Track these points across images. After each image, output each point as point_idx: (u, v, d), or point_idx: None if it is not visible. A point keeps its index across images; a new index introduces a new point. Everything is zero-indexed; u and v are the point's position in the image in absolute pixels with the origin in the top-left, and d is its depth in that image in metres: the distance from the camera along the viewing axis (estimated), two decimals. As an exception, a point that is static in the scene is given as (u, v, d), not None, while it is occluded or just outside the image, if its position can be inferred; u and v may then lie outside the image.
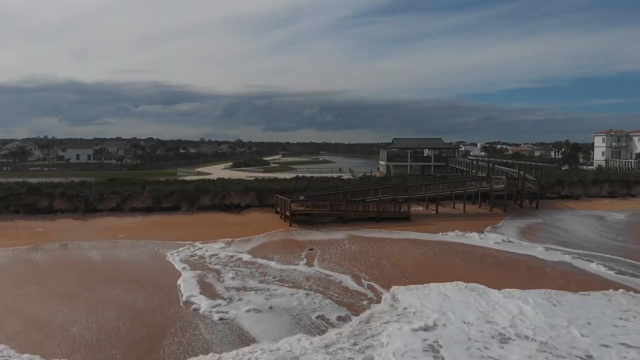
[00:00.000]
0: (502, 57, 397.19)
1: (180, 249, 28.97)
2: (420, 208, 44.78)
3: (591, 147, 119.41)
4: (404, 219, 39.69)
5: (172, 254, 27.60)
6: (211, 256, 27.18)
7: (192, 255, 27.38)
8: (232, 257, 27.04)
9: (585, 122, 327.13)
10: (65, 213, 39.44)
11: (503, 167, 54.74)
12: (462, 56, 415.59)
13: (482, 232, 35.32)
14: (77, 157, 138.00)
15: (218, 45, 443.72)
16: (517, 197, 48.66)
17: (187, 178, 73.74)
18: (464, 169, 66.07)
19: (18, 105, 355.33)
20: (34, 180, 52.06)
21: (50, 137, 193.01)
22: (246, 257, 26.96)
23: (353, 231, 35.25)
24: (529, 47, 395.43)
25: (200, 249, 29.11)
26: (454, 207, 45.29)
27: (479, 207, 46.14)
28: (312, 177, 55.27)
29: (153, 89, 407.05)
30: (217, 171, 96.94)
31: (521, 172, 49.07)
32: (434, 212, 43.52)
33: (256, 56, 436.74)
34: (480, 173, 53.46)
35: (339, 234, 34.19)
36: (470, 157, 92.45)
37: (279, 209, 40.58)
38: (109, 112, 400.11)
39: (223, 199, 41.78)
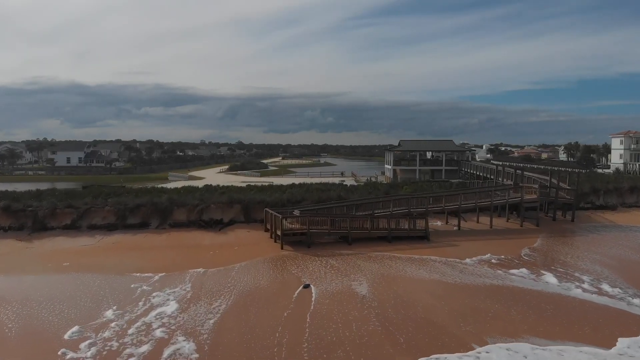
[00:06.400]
0: (504, 58, 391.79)
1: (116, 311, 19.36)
2: (439, 222, 37.74)
3: (603, 148, 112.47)
4: (421, 238, 32.64)
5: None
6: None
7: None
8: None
9: (587, 124, 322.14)
10: (9, 232, 32.43)
11: (530, 174, 47.56)
12: (464, 58, 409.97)
13: (578, 280, 23.42)
14: (68, 160, 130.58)
15: (220, 47, 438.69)
16: (548, 209, 41.72)
17: (175, 183, 67.16)
18: (481, 174, 58.87)
19: (20, 107, 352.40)
20: (17, 187, 46.86)
21: (50, 140, 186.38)
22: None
23: (365, 262, 26.90)
24: (531, 48, 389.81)
25: (137, 319, 18.11)
26: (477, 222, 38.22)
27: (507, 221, 39.15)
28: (311, 184, 48.10)
29: (155, 91, 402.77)
30: (212, 175, 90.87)
31: (554, 180, 42.03)
32: (455, 227, 36.46)
33: (258, 58, 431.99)
34: (505, 180, 46.26)
35: (347, 274, 24.30)
36: (494, 162, 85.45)
37: (268, 226, 33.45)
38: (110, 114, 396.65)
39: (201, 214, 34.58)
